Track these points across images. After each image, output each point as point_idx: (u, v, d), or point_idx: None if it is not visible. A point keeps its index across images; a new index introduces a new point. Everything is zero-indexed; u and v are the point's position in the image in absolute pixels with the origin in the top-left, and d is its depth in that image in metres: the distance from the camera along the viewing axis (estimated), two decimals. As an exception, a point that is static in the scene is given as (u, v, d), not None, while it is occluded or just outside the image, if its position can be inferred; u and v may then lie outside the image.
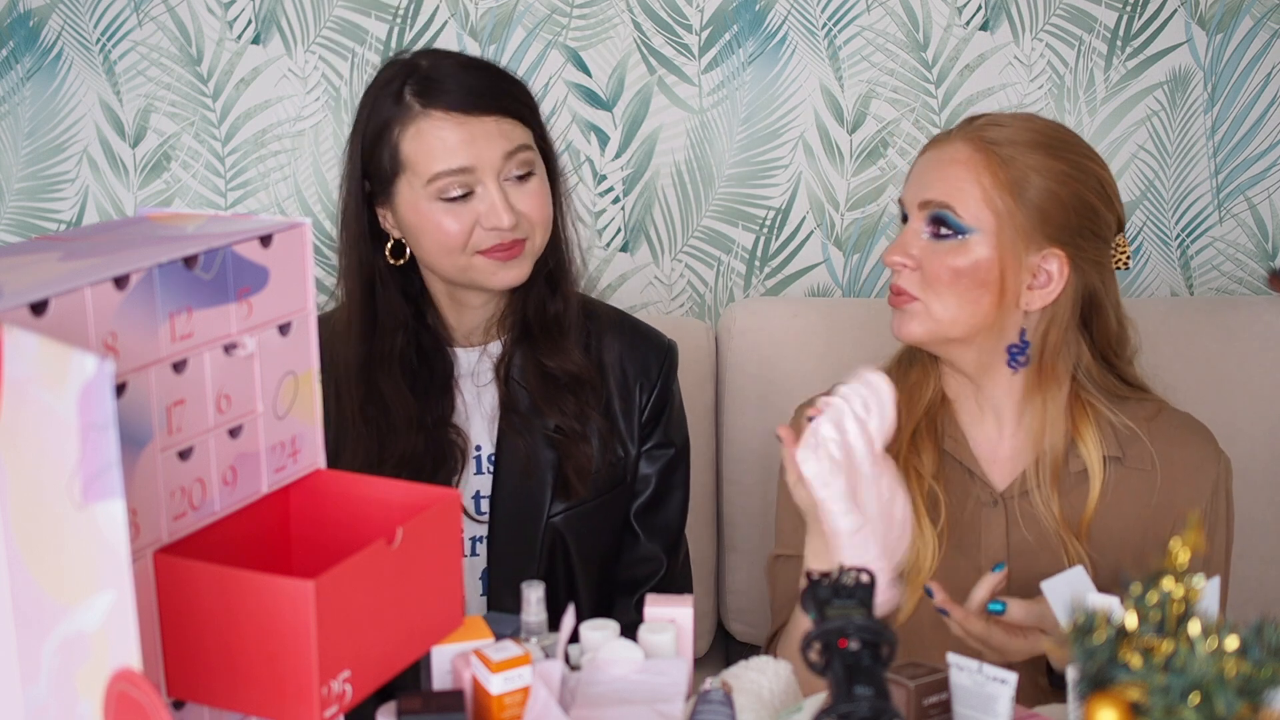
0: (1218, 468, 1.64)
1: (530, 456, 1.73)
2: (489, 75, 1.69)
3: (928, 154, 1.61)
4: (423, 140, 1.64)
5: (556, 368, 1.74)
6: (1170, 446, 1.63)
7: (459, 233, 1.65)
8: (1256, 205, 2.42)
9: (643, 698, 1.23)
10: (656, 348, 1.83)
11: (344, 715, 1.25)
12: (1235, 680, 0.91)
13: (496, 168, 1.65)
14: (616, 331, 1.81)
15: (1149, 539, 1.60)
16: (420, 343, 1.74)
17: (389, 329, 1.72)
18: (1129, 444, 1.61)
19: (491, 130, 1.64)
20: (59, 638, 0.94)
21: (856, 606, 1.09)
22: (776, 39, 2.36)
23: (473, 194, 1.65)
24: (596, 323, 1.80)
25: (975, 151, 1.57)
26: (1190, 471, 1.62)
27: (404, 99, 1.66)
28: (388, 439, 1.69)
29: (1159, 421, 1.64)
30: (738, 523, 2.16)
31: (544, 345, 1.74)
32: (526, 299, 1.75)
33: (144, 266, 1.02)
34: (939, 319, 1.58)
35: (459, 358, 1.77)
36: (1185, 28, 2.37)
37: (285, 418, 1.17)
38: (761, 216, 2.41)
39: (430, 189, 1.64)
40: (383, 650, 1.09)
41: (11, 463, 0.92)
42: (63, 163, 2.39)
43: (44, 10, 2.35)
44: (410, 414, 1.70)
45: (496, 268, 1.67)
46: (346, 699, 1.05)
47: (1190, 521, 1.55)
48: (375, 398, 1.70)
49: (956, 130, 1.61)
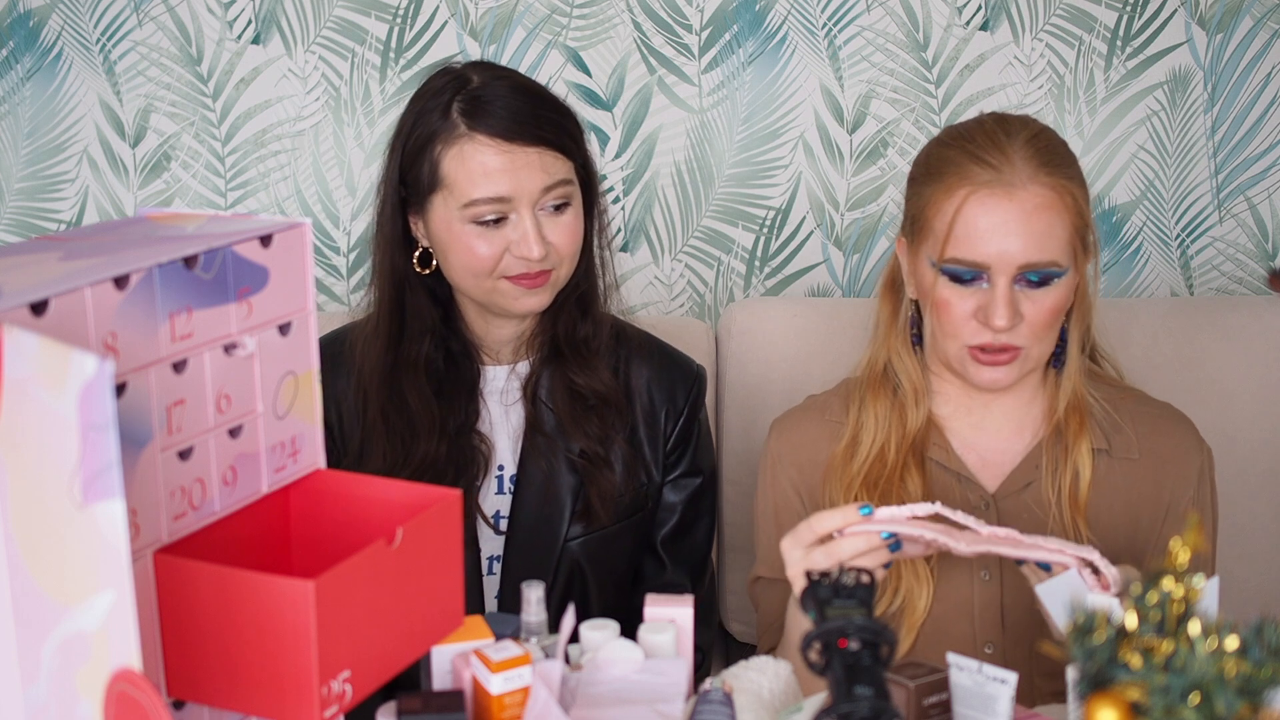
0: (1201, 456, 1.64)
1: (551, 478, 1.73)
2: (538, 103, 1.68)
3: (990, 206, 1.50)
4: (464, 163, 1.64)
5: (585, 386, 1.73)
6: (1154, 436, 1.63)
7: (488, 258, 1.65)
8: (1256, 205, 2.42)
9: (643, 698, 1.23)
10: (685, 374, 1.82)
11: (344, 715, 1.25)
12: (1235, 680, 0.91)
13: (534, 199, 1.64)
14: (645, 356, 1.80)
15: (1140, 528, 1.61)
16: (449, 349, 1.74)
17: (416, 334, 1.72)
18: (1114, 435, 1.62)
19: (534, 162, 1.64)
20: (59, 638, 0.94)
21: (856, 606, 1.09)
22: (776, 39, 2.36)
23: (506, 220, 1.65)
24: (626, 347, 1.79)
25: (1051, 192, 1.51)
26: (1176, 460, 1.63)
27: (451, 115, 1.65)
28: (410, 444, 1.69)
29: (1141, 412, 1.64)
30: (738, 523, 2.16)
31: (574, 364, 1.73)
32: (557, 320, 1.74)
33: (144, 266, 1.02)
34: (1036, 359, 1.57)
35: (487, 374, 1.76)
36: (1185, 28, 2.37)
37: (285, 418, 1.17)
38: (761, 216, 2.41)
39: (466, 212, 1.64)
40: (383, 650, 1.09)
41: (11, 463, 0.92)
42: (63, 163, 2.39)
43: (44, 10, 2.35)
44: (434, 419, 1.70)
45: (520, 294, 1.67)
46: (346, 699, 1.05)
47: (1190, 522, 1.56)
48: (399, 402, 1.70)
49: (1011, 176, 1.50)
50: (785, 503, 1.68)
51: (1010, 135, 1.54)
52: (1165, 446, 1.63)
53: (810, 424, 1.69)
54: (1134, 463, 1.62)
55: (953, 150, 1.56)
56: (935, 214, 1.54)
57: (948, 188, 1.53)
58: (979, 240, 1.50)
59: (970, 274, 1.52)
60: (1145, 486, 1.62)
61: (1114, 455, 1.61)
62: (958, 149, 1.56)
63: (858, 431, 1.64)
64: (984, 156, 1.52)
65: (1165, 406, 1.67)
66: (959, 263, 1.52)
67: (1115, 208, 2.42)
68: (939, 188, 1.55)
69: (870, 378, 1.65)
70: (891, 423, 1.62)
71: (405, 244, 1.72)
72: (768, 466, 1.71)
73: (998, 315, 1.50)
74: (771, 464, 1.70)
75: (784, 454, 1.69)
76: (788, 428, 1.71)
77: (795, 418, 1.72)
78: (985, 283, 1.52)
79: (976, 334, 1.53)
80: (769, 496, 1.70)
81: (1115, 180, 2.41)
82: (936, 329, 1.57)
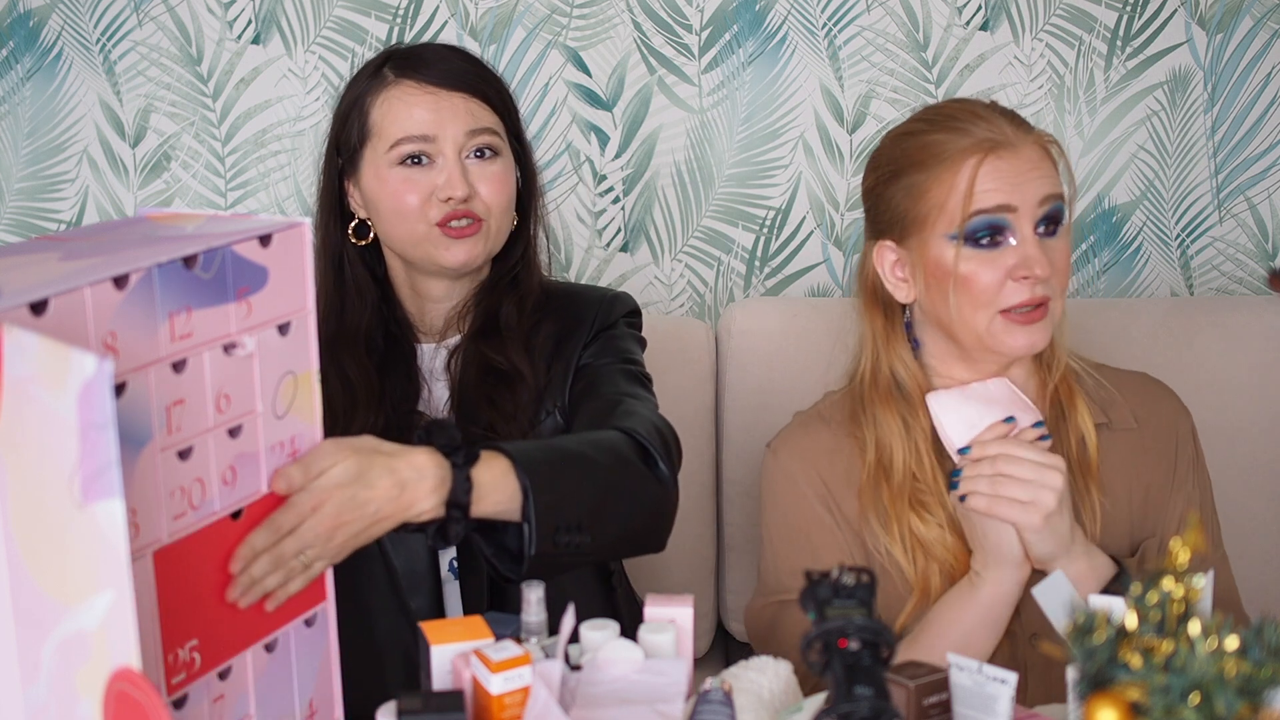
0: (1188, 417, 1.68)
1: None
2: (468, 60, 1.73)
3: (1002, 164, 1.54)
4: (390, 107, 1.69)
5: (499, 361, 1.71)
6: (1144, 404, 1.66)
7: (416, 199, 1.68)
8: (1256, 205, 2.42)
9: (643, 698, 1.23)
10: (591, 304, 1.77)
11: (344, 715, 1.25)
12: (1235, 680, 0.91)
13: (459, 142, 1.68)
14: (553, 310, 1.76)
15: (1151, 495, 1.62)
16: (388, 328, 1.76)
17: (356, 308, 1.74)
18: (1110, 407, 1.64)
19: (459, 106, 1.69)
20: (59, 637, 0.94)
21: (856, 606, 1.09)
22: (776, 39, 2.36)
23: (433, 164, 1.68)
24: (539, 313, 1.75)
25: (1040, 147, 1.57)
26: (1170, 424, 1.66)
27: (381, 72, 1.71)
28: (350, 415, 1.69)
29: (1123, 382, 1.67)
30: (738, 523, 2.16)
31: (491, 339, 1.73)
32: (488, 298, 1.75)
33: (144, 266, 1.02)
34: (1057, 316, 1.59)
35: (423, 351, 1.77)
36: (1185, 28, 2.37)
37: (285, 417, 1.17)
38: (761, 216, 2.41)
39: (392, 154, 1.68)
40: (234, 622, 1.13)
41: (11, 463, 0.92)
42: (63, 163, 2.39)
43: (44, 10, 2.35)
44: (372, 391, 1.70)
45: (450, 243, 1.69)
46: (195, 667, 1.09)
47: (1190, 522, 1.56)
48: (338, 373, 1.70)
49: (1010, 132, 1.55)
50: (814, 519, 1.63)
51: (982, 107, 1.58)
52: (1157, 412, 1.66)
53: (821, 435, 1.65)
54: (1133, 432, 1.64)
55: (936, 133, 1.57)
56: (943, 192, 1.55)
57: (951, 163, 1.55)
58: (1002, 188, 1.53)
59: (999, 225, 1.53)
60: (1150, 455, 1.64)
61: (1114, 428, 1.63)
62: (941, 129, 1.57)
63: (880, 450, 1.61)
64: (973, 127, 1.56)
65: (1141, 375, 1.70)
66: (988, 212, 1.53)
67: (1115, 208, 2.42)
68: (939, 169, 1.55)
69: (875, 389, 1.63)
70: (912, 433, 1.60)
71: (341, 215, 1.75)
72: (782, 488, 1.65)
73: (1038, 264, 1.52)
74: (787, 483, 1.65)
75: (798, 471, 1.64)
76: (795, 443, 1.66)
77: (799, 433, 1.67)
78: (1012, 238, 1.53)
79: (1013, 294, 1.54)
80: (789, 518, 1.64)
81: (1115, 180, 2.41)
82: (963, 306, 1.55)
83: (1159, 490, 1.63)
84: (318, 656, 1.23)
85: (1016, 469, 1.49)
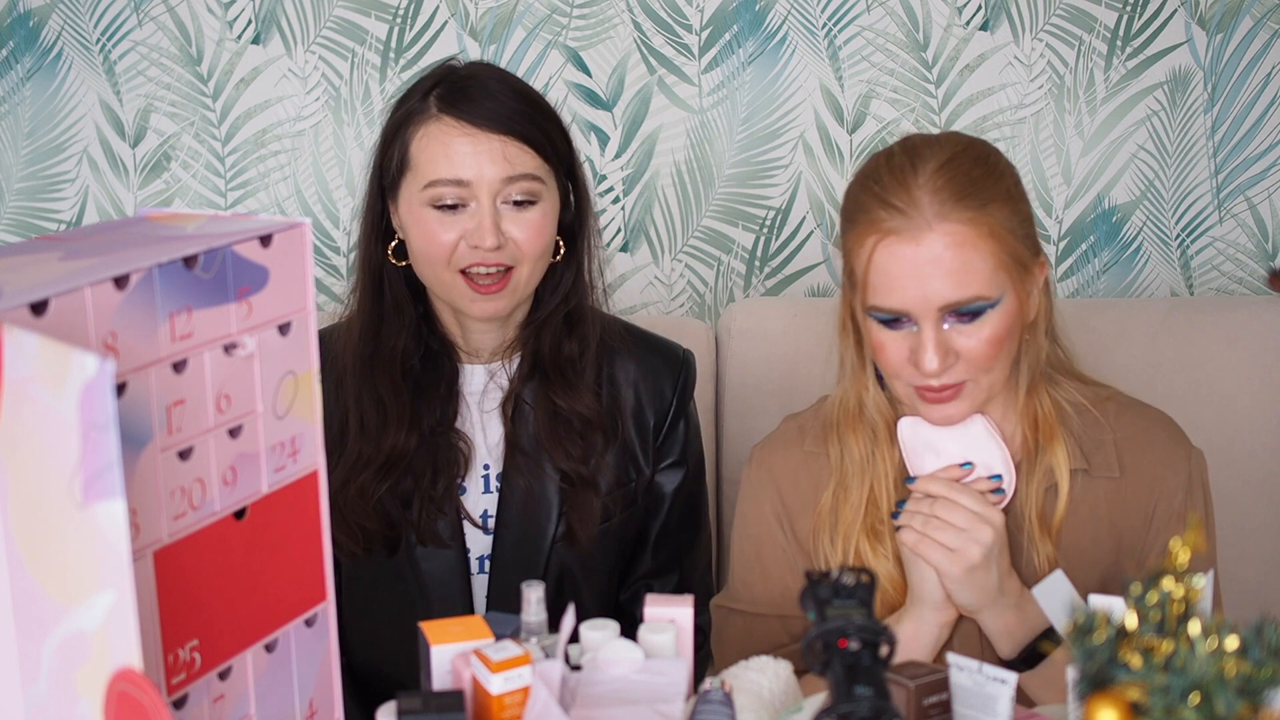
0: (1189, 465, 1.57)
1: (533, 496, 1.71)
2: (517, 98, 1.66)
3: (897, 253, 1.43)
4: (428, 144, 1.64)
5: (568, 409, 1.71)
6: (1137, 449, 1.56)
7: (444, 245, 1.64)
8: (1256, 205, 2.42)
9: (643, 698, 1.23)
10: (670, 363, 1.80)
11: (344, 716, 1.25)
12: (1235, 680, 0.91)
13: (494, 189, 1.63)
14: (629, 353, 1.77)
15: (1122, 549, 1.55)
16: (428, 347, 1.73)
17: (395, 327, 1.71)
18: (1093, 453, 1.55)
19: (497, 150, 1.63)
20: (59, 637, 0.94)
21: (856, 606, 1.09)
22: (776, 39, 2.36)
23: (465, 208, 1.64)
24: (608, 348, 1.76)
25: (964, 227, 1.43)
26: (1160, 474, 1.56)
27: (428, 99, 1.65)
28: (380, 435, 1.68)
29: (1123, 421, 1.57)
30: (738, 523, 2.16)
31: (557, 385, 1.71)
32: (540, 336, 1.72)
33: (144, 266, 1.02)
34: (988, 387, 1.50)
35: (465, 372, 1.75)
36: (1185, 28, 2.37)
37: (285, 417, 1.17)
38: (761, 216, 2.41)
39: (426, 194, 1.64)
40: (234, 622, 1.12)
41: (11, 463, 0.92)
42: (63, 163, 2.39)
43: (44, 10, 2.35)
44: (404, 413, 1.69)
45: (475, 297, 1.66)
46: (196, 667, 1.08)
47: (1190, 522, 1.55)
48: (371, 394, 1.69)
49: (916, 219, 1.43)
50: (769, 534, 1.63)
51: (918, 169, 1.45)
52: (1148, 461, 1.56)
53: (791, 454, 1.63)
54: (1115, 481, 1.55)
55: (864, 195, 1.49)
56: (855, 260, 1.49)
57: (859, 235, 1.47)
58: (894, 288, 1.44)
59: (895, 319, 1.47)
60: (1128, 506, 1.55)
61: (1094, 475, 1.55)
62: (867, 192, 1.48)
63: (844, 476, 1.58)
64: (889, 199, 1.44)
65: (1148, 412, 1.60)
66: (880, 310, 1.47)
67: (1115, 208, 2.42)
68: (853, 234, 1.49)
69: (845, 416, 1.60)
70: (875, 462, 1.57)
71: (383, 233, 1.72)
72: (750, 496, 1.65)
73: (926, 360, 1.45)
74: (754, 493, 1.65)
75: (763, 484, 1.64)
76: (767, 457, 1.65)
77: (774, 446, 1.66)
78: (914, 325, 1.46)
79: (915, 376, 1.48)
80: (750, 525, 1.65)
81: (1115, 180, 2.41)
82: (884, 368, 1.52)
83: (1130, 545, 1.55)
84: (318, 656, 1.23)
85: (951, 514, 1.46)
